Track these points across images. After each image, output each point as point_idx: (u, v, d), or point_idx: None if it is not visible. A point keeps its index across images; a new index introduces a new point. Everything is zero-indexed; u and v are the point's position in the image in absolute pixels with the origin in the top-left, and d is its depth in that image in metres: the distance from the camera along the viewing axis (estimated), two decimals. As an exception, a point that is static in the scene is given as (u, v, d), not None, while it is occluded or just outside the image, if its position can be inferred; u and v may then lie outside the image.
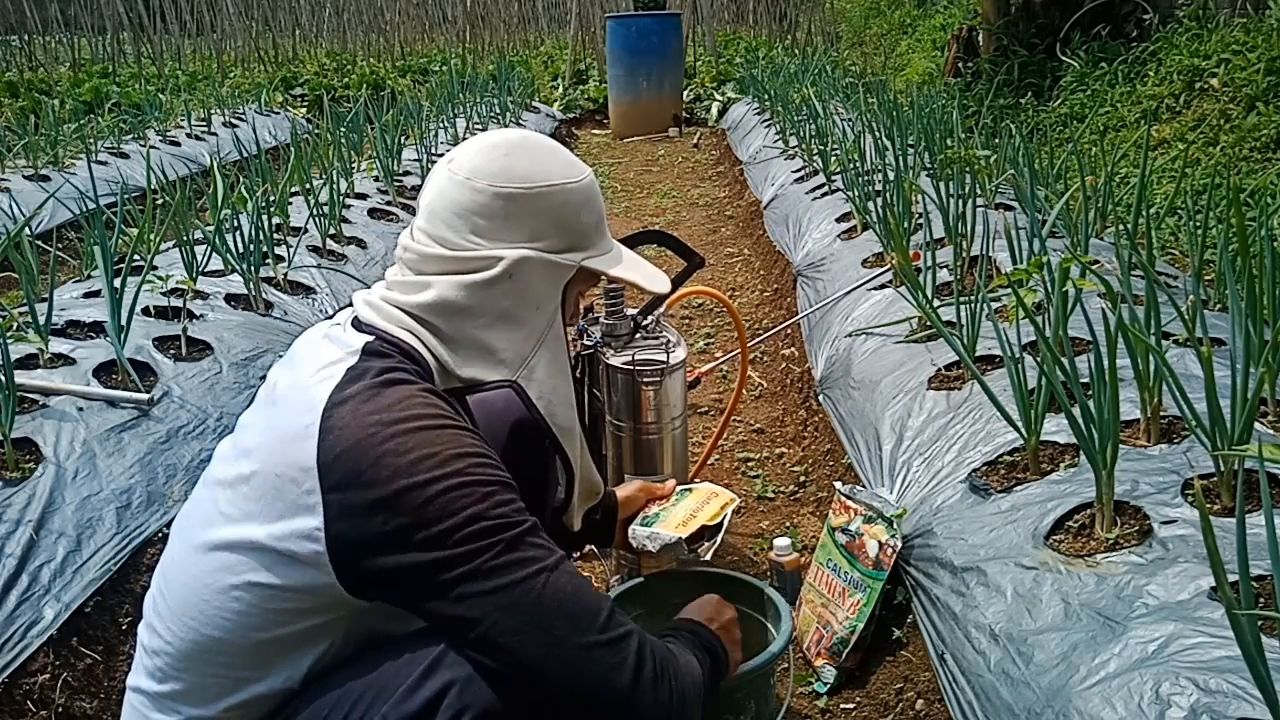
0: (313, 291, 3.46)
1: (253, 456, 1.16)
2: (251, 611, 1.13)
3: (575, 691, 1.11)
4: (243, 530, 1.13)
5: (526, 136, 1.31)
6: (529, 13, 18.01)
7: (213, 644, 1.15)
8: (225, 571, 1.14)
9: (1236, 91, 4.41)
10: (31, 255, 2.77)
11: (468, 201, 1.23)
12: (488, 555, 1.08)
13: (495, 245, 1.23)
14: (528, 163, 1.25)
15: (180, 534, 1.24)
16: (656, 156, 8.47)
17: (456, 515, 1.07)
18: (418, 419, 1.11)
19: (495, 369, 1.24)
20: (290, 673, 1.17)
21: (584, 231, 1.29)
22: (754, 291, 4.43)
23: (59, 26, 14.15)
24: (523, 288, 1.24)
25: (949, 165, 3.52)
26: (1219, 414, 1.43)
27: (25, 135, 6.06)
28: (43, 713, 1.65)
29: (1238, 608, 0.96)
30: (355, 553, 1.09)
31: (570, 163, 1.30)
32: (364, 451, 1.08)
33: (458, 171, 1.25)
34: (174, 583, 1.20)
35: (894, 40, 11.64)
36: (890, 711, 1.71)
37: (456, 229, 1.23)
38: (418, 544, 1.07)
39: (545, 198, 1.25)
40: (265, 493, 1.12)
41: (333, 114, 6.41)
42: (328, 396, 1.13)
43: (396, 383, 1.15)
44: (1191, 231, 2.60)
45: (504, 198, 1.23)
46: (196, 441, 2.34)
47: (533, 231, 1.24)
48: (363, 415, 1.10)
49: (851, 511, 1.91)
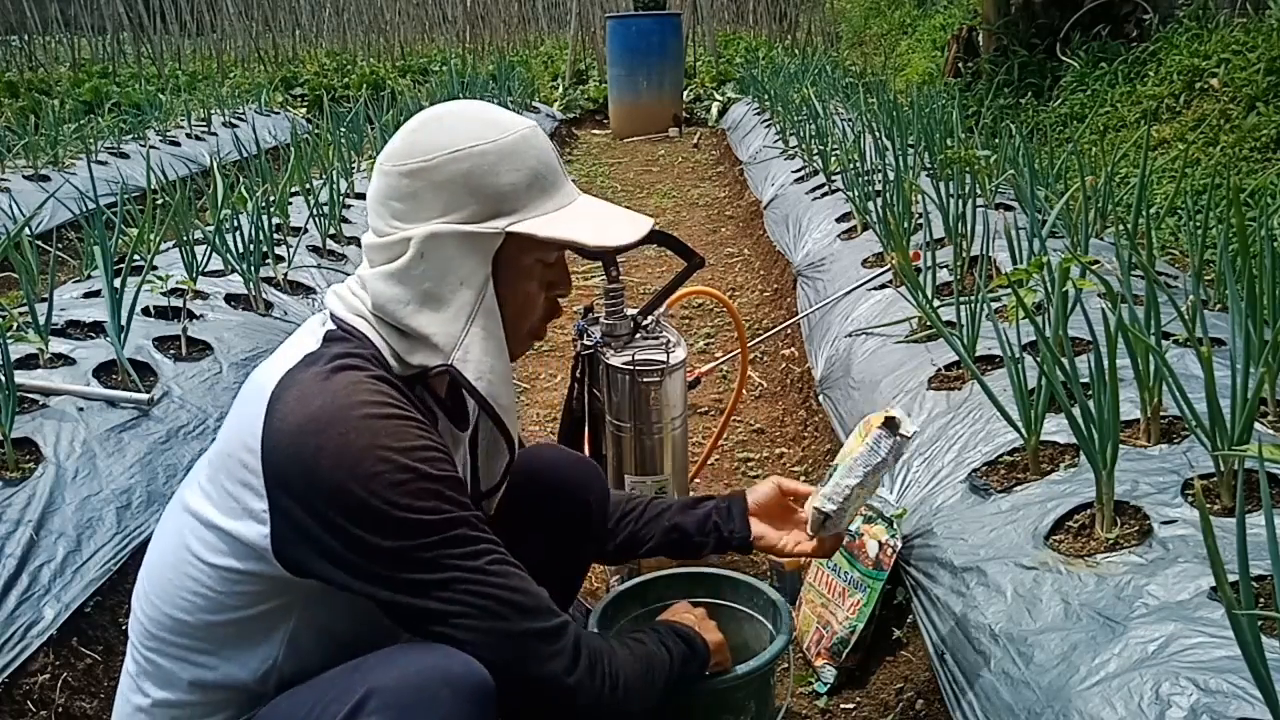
0: (313, 291, 3.46)
1: (219, 438, 1.19)
2: (206, 592, 1.14)
3: (514, 677, 1.12)
4: (205, 507, 1.14)
5: (448, 109, 1.22)
6: (529, 13, 18.00)
7: (173, 624, 1.16)
8: (191, 537, 1.15)
9: (1236, 91, 4.41)
10: (31, 255, 2.77)
11: (383, 186, 1.20)
12: (435, 547, 1.09)
13: (407, 226, 1.18)
14: (432, 134, 1.19)
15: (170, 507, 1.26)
16: (656, 156, 8.47)
17: (403, 509, 1.07)
18: (361, 405, 1.09)
19: (433, 354, 1.18)
20: (247, 660, 1.17)
21: (506, 194, 1.18)
22: (754, 291, 4.43)
23: (59, 26, 14.15)
24: (440, 265, 1.17)
25: (949, 165, 3.52)
26: (1219, 414, 1.43)
27: (25, 135, 6.06)
28: (43, 713, 1.65)
29: (1238, 608, 0.96)
30: (298, 543, 1.09)
31: (490, 123, 1.19)
32: (305, 440, 1.07)
33: (380, 159, 1.22)
34: (149, 557, 1.23)
35: (894, 40, 11.64)
36: (890, 711, 1.71)
37: (382, 216, 1.20)
38: (358, 536, 1.07)
39: (448, 166, 1.16)
40: (220, 469, 1.14)
41: (333, 114, 6.41)
42: (279, 379, 1.13)
43: (347, 368, 1.13)
44: (1191, 231, 2.60)
45: (408, 175, 1.17)
46: (196, 441, 2.34)
47: (445, 204, 1.17)
48: (308, 400, 1.10)
49: (852, 511, 1.91)
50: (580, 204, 1.26)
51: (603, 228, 1.24)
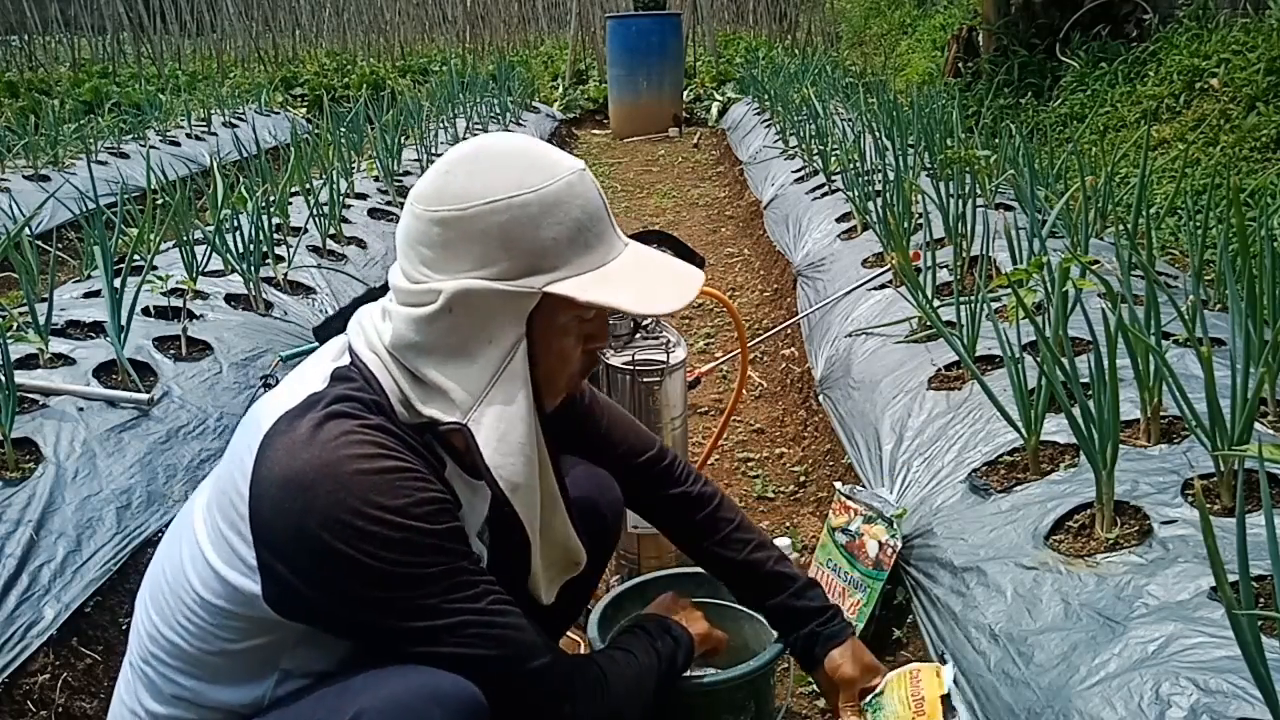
0: (313, 291, 3.46)
1: (225, 455, 1.16)
2: (199, 623, 1.11)
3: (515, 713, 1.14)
4: (204, 542, 1.11)
5: (483, 146, 1.12)
6: (529, 13, 18.00)
7: (169, 646, 1.14)
8: (189, 567, 1.12)
9: (1236, 91, 4.40)
10: (31, 255, 2.77)
11: (412, 229, 1.11)
12: (432, 596, 1.07)
13: (440, 278, 1.09)
14: (465, 178, 1.08)
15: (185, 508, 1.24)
16: (656, 156, 8.47)
17: (398, 565, 1.05)
18: (351, 461, 1.04)
19: (450, 409, 1.11)
20: (239, 689, 1.15)
21: (546, 250, 1.09)
22: (754, 291, 4.43)
23: (59, 26, 14.15)
24: (470, 322, 1.09)
25: (949, 165, 3.52)
26: (1219, 414, 1.43)
27: (25, 135, 6.06)
28: (43, 713, 1.65)
29: (1238, 608, 0.96)
30: (291, 599, 1.07)
31: (530, 169, 1.09)
32: (291, 497, 1.03)
33: (410, 197, 1.13)
34: (156, 566, 1.20)
35: (894, 40, 11.64)
36: None
37: (410, 259, 1.12)
38: (355, 594, 1.06)
39: (484, 217, 1.07)
40: (215, 505, 1.11)
41: (333, 114, 6.41)
42: (274, 422, 1.09)
43: (340, 416, 1.07)
44: (1191, 231, 2.60)
45: (439, 223, 1.08)
46: (196, 441, 2.34)
47: (477, 258, 1.08)
48: (295, 452, 1.05)
49: (851, 511, 1.91)
50: (625, 258, 1.15)
51: (647, 290, 1.14)
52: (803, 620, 1.50)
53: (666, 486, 1.55)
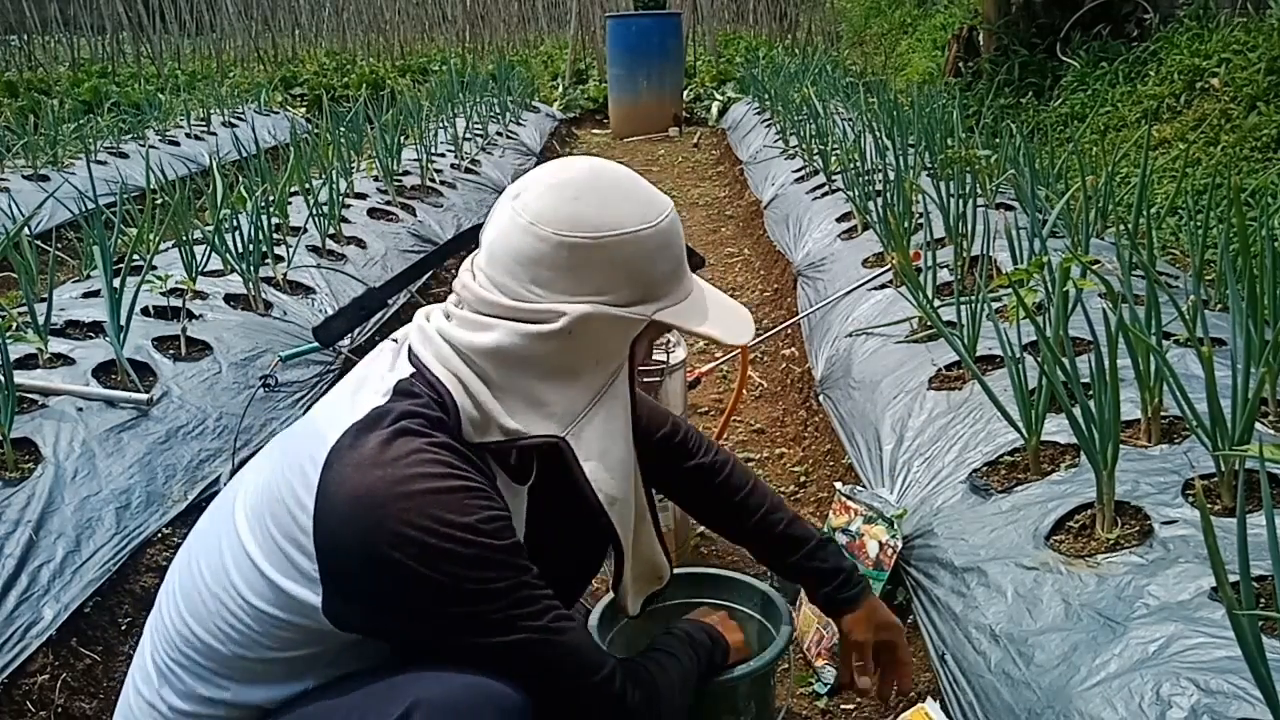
0: (312, 291, 3.46)
1: (274, 465, 1.15)
2: (243, 629, 1.12)
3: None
4: (253, 549, 1.11)
5: (600, 172, 1.16)
6: (529, 12, 18.00)
7: (204, 648, 1.14)
8: (234, 568, 1.12)
9: (1237, 91, 4.40)
10: (31, 255, 2.77)
11: (530, 250, 1.11)
12: (500, 612, 1.09)
13: (558, 299, 1.11)
14: (597, 207, 1.12)
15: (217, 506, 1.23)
16: (656, 156, 8.47)
17: (469, 580, 1.06)
18: (422, 479, 1.06)
19: (543, 422, 1.14)
20: (273, 692, 1.16)
21: (657, 281, 1.16)
22: (754, 291, 4.43)
23: (58, 26, 14.15)
24: (584, 344, 1.14)
25: (949, 165, 3.52)
26: (1220, 414, 1.43)
27: (24, 135, 6.05)
28: (42, 713, 1.64)
29: (1238, 608, 0.96)
30: (356, 612, 1.09)
31: (648, 202, 1.16)
32: (362, 515, 1.04)
33: (522, 213, 1.12)
34: (188, 568, 1.19)
35: (894, 40, 11.63)
36: (890, 712, 1.70)
37: (518, 277, 1.12)
38: (423, 609, 1.08)
39: (615, 248, 1.11)
40: (268, 513, 1.11)
41: (332, 114, 6.40)
42: (339, 436, 1.09)
43: (406, 433, 1.09)
44: (1192, 231, 2.60)
45: (569, 248, 1.10)
46: (196, 442, 2.33)
47: (599, 284, 1.12)
48: (365, 470, 1.06)
49: (851, 512, 1.91)
50: (698, 289, 1.24)
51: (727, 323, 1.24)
52: (818, 582, 1.53)
53: (683, 460, 1.56)
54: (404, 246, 4.33)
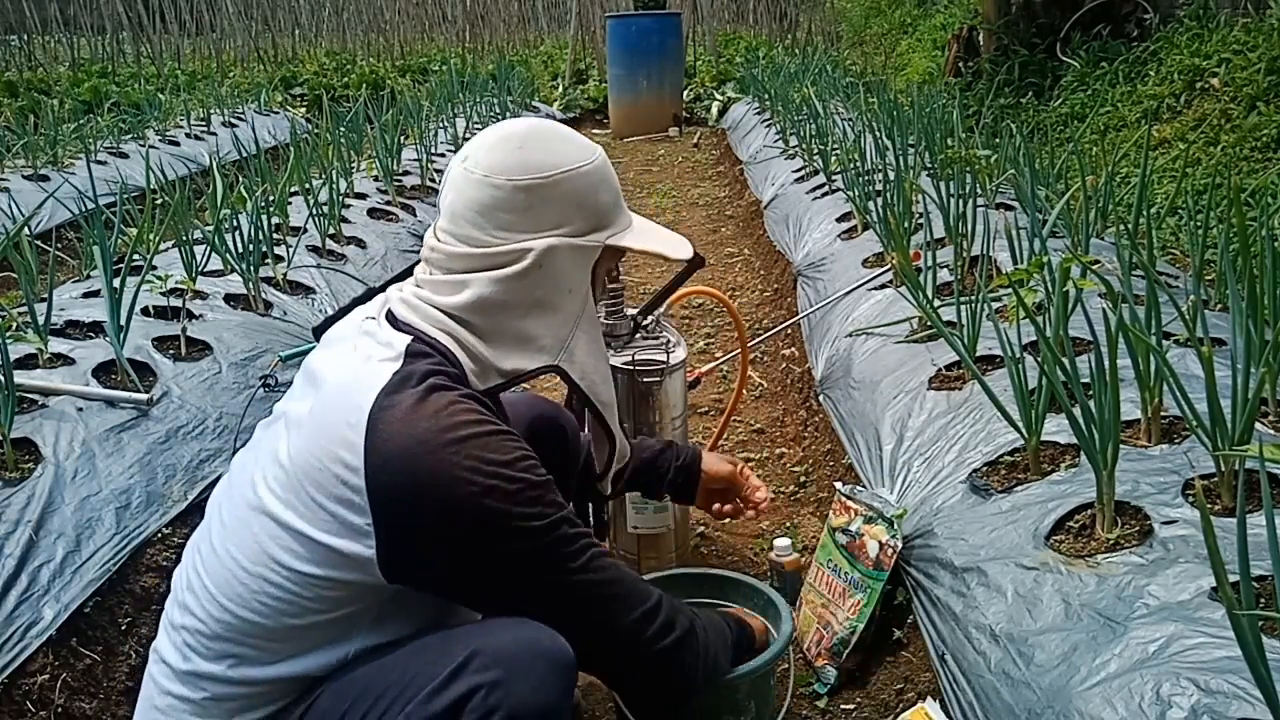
0: (312, 291, 3.46)
1: (295, 446, 1.19)
2: (289, 597, 1.17)
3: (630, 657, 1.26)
4: (292, 518, 1.16)
5: (535, 126, 1.32)
6: (529, 12, 18.00)
7: (246, 626, 1.19)
8: (272, 543, 1.17)
9: (1237, 91, 4.40)
10: (31, 255, 2.76)
11: (489, 199, 1.25)
12: (546, 549, 1.17)
13: (522, 237, 1.25)
14: (542, 152, 1.27)
15: (227, 501, 1.27)
16: (656, 156, 8.47)
17: (516, 518, 1.14)
18: (463, 426, 1.15)
19: (536, 357, 1.28)
20: (320, 657, 1.21)
21: (604, 211, 1.32)
22: (754, 291, 4.43)
23: (58, 26, 14.14)
24: (553, 274, 1.27)
25: (949, 165, 3.52)
26: (1220, 414, 1.43)
27: (24, 135, 6.05)
28: (42, 713, 1.64)
29: (1238, 608, 0.96)
30: (409, 560, 1.15)
31: (580, 145, 1.32)
32: (414, 463, 1.12)
33: (474, 170, 1.26)
34: (213, 557, 1.23)
35: (894, 40, 11.63)
36: (890, 712, 1.70)
37: (482, 227, 1.25)
38: (473, 549, 1.14)
39: (563, 183, 1.27)
40: (308, 482, 1.16)
41: (332, 114, 6.40)
42: (374, 399, 1.16)
43: (439, 389, 1.18)
44: (1192, 231, 2.60)
45: (524, 190, 1.25)
46: (196, 442, 2.33)
47: (556, 219, 1.27)
48: (411, 424, 1.13)
49: (852, 512, 1.91)
50: (640, 220, 1.40)
51: (670, 242, 1.41)
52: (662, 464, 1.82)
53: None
54: (404, 246, 4.33)
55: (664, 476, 1.85)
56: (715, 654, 1.42)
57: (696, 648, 1.35)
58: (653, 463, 1.84)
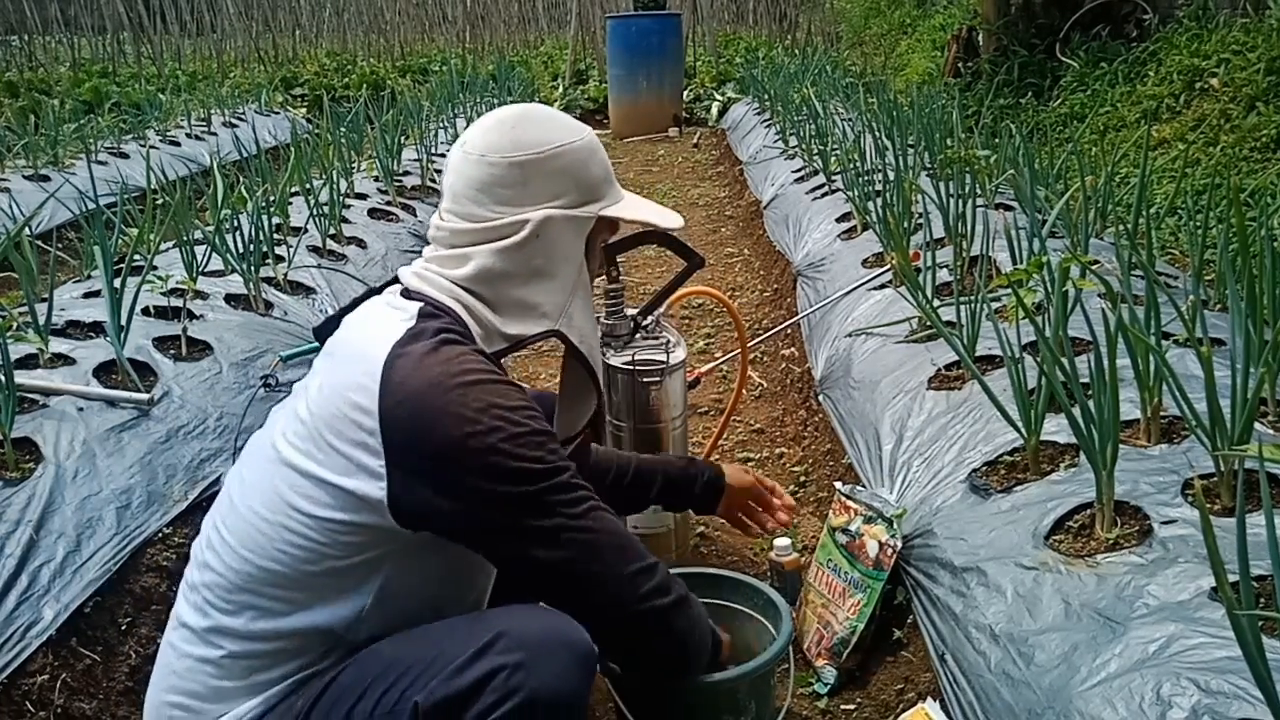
0: (313, 291, 3.46)
1: (313, 400, 1.26)
2: (306, 544, 1.22)
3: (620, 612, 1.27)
4: (309, 465, 1.23)
5: (527, 109, 1.41)
6: (529, 13, 18.00)
7: (265, 576, 1.24)
8: (290, 491, 1.23)
9: (1237, 91, 4.40)
10: (31, 255, 2.76)
11: (487, 176, 1.33)
12: (545, 494, 1.21)
13: (519, 210, 1.33)
14: (534, 130, 1.36)
15: (247, 466, 1.34)
16: (656, 156, 8.47)
17: (517, 459, 1.20)
18: (473, 373, 1.22)
19: (538, 322, 1.36)
20: (337, 608, 1.25)
21: (595, 184, 1.40)
22: (754, 291, 4.43)
23: (59, 26, 14.14)
24: (550, 244, 1.35)
25: (949, 165, 3.52)
26: (1219, 414, 1.43)
27: (25, 135, 6.05)
28: (42, 713, 1.64)
29: (1238, 608, 0.96)
30: (418, 498, 1.20)
31: (570, 125, 1.41)
32: (425, 404, 1.19)
33: (472, 151, 1.35)
34: (233, 513, 1.29)
35: (894, 40, 11.63)
36: (891, 712, 1.70)
37: (481, 203, 1.34)
38: (476, 487, 1.19)
39: (555, 159, 1.35)
40: (325, 428, 1.22)
41: (333, 114, 6.40)
42: (389, 350, 1.24)
43: (450, 342, 1.26)
44: (1191, 231, 2.60)
45: (519, 165, 1.33)
46: (196, 441, 2.34)
47: (551, 191, 1.35)
48: (425, 368, 1.21)
49: (851, 511, 1.91)
50: (631, 195, 1.50)
51: (661, 214, 1.50)
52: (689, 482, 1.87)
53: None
54: (404, 246, 4.34)
55: (691, 493, 1.89)
56: (705, 635, 1.44)
57: (691, 616, 1.37)
58: (680, 480, 1.88)
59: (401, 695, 1.18)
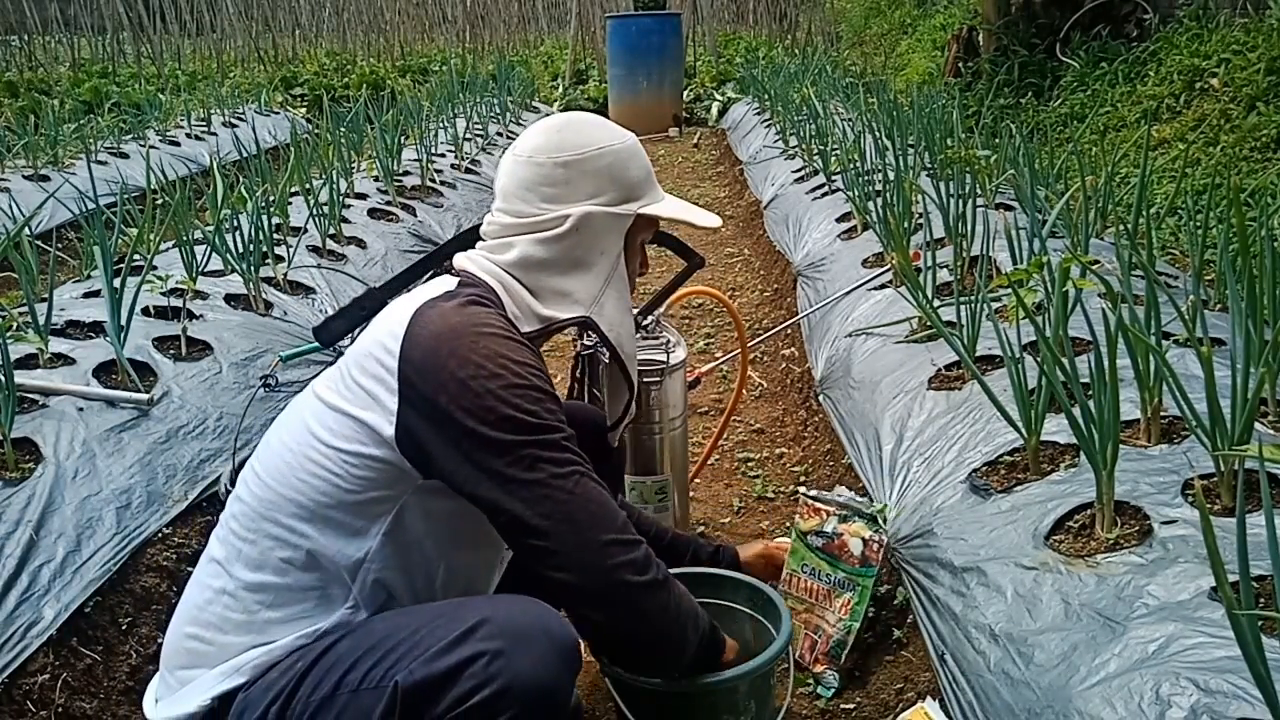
0: (312, 291, 3.46)
1: (351, 350, 1.38)
2: (323, 473, 1.30)
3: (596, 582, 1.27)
4: (335, 398, 1.34)
5: (573, 115, 1.53)
6: (529, 13, 18.00)
7: (284, 502, 1.32)
8: (314, 421, 1.34)
9: (1237, 91, 4.40)
10: (31, 255, 2.77)
11: (534, 175, 1.45)
12: (533, 447, 1.26)
13: (562, 206, 1.44)
14: (578, 134, 1.47)
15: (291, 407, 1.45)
16: (656, 156, 8.47)
17: (512, 407, 1.25)
18: (491, 327, 1.32)
19: (570, 308, 1.44)
20: (344, 546, 1.31)
21: (634, 184, 1.50)
22: (754, 291, 4.43)
23: (59, 26, 14.14)
24: (589, 237, 1.45)
25: (949, 165, 3.52)
26: (1219, 414, 1.43)
27: (25, 135, 6.05)
28: (42, 713, 1.65)
29: (1238, 608, 0.96)
30: (418, 430, 1.26)
31: (613, 130, 1.52)
32: (440, 346, 1.28)
33: (521, 154, 1.47)
34: (266, 448, 1.40)
35: (894, 40, 11.63)
36: (890, 712, 1.70)
37: (528, 200, 1.45)
38: (470, 427, 1.24)
39: (596, 159, 1.46)
40: (354, 367, 1.33)
41: (333, 114, 6.40)
42: (421, 305, 1.34)
43: (478, 303, 1.36)
44: (1192, 231, 2.60)
45: (563, 165, 1.44)
46: (196, 441, 2.34)
47: (592, 189, 1.45)
48: (448, 317, 1.31)
49: (822, 514, 1.89)
50: (671, 197, 1.58)
51: (699, 213, 1.58)
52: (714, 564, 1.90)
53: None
54: (404, 246, 4.34)
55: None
56: (684, 627, 1.38)
57: (666, 602, 1.33)
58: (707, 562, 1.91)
59: (386, 672, 1.22)
